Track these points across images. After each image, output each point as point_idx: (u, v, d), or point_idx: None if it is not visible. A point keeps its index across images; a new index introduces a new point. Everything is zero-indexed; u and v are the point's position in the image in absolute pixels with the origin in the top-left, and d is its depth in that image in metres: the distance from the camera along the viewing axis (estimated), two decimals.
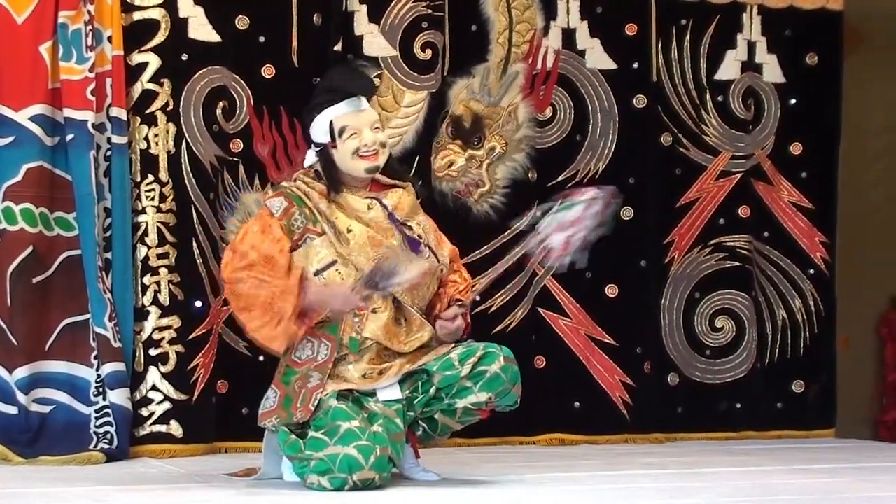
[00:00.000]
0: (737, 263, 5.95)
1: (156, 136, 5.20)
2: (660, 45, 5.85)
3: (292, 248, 4.09)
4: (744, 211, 5.95)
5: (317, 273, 4.07)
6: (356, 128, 4.08)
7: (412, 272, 3.95)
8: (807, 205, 6.03)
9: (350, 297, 3.97)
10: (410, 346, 4.12)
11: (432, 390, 4.02)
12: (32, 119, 5.05)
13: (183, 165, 5.22)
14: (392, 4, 5.54)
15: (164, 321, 5.17)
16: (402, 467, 4.12)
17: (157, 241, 5.17)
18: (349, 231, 4.08)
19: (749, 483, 4.35)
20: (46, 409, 5.02)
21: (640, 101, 5.78)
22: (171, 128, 5.22)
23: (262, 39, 5.40)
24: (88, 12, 5.09)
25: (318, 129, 4.14)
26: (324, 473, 3.87)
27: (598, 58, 5.77)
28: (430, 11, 5.55)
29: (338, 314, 4.05)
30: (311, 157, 4.22)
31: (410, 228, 4.17)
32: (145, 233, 5.17)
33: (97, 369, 5.02)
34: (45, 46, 5.07)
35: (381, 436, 3.91)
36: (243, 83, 5.36)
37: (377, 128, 4.15)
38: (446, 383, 4.00)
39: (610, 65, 5.78)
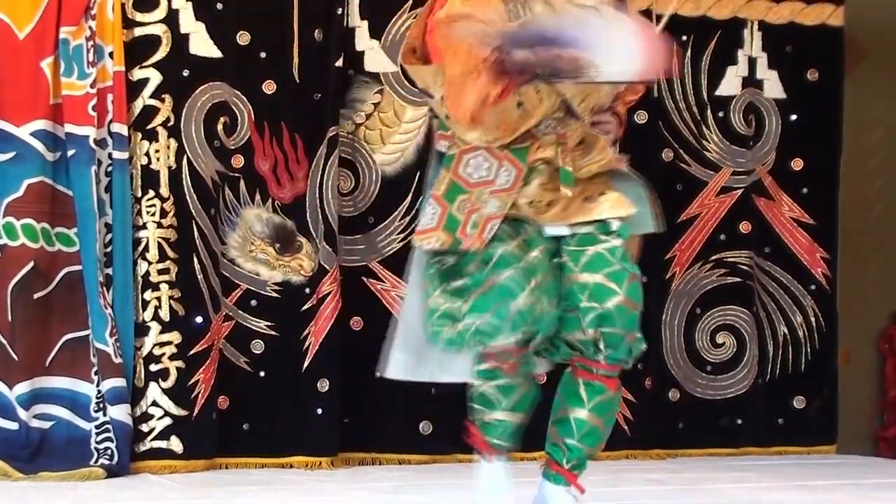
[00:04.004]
0: (738, 279, 5.98)
1: (157, 151, 5.23)
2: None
3: None
4: (745, 227, 5.98)
5: None
6: None
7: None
8: (808, 220, 6.05)
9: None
10: (586, 173, 3.58)
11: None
12: (34, 134, 5.08)
13: (184, 181, 5.25)
14: (393, 20, 5.56)
15: (165, 337, 5.18)
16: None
17: (157, 257, 5.19)
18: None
19: (750, 499, 4.41)
20: (47, 424, 5.04)
21: (640, 117, 5.77)
22: (172, 143, 5.24)
23: (263, 55, 5.43)
24: (90, 28, 5.13)
25: None
26: (484, 309, 3.43)
27: None
28: None
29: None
30: None
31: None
32: (146, 248, 5.19)
33: (98, 385, 5.04)
34: (46, 62, 5.11)
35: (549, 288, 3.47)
36: (244, 99, 5.39)
37: None
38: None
39: None
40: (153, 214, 5.19)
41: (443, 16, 3.43)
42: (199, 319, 5.22)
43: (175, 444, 5.14)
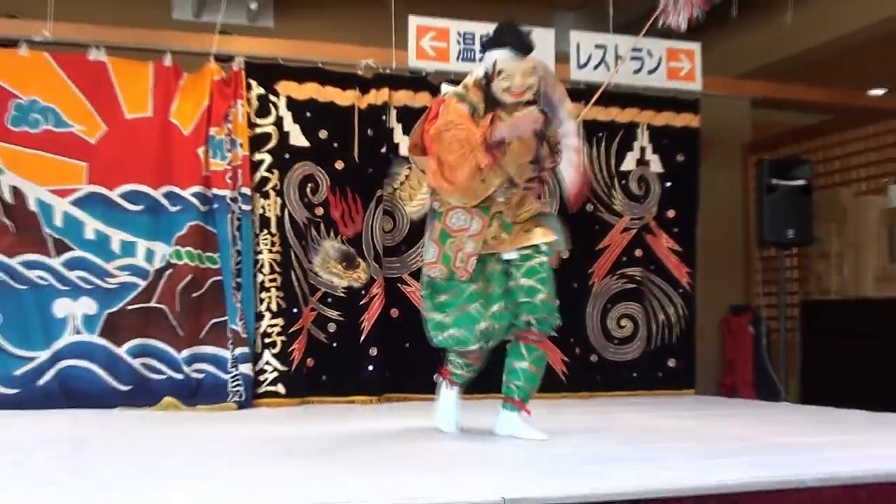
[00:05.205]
0: (634, 286, 5.96)
1: (269, 205, 5.27)
2: (585, 150, 5.46)
3: None
4: (638, 252, 5.97)
5: None
6: (511, 72, 3.47)
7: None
8: (678, 248, 6.05)
9: (536, 116, 3.48)
10: (522, 217, 3.63)
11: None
12: (193, 195, 5.15)
13: (285, 224, 5.28)
14: (416, 124, 5.54)
15: (274, 321, 5.21)
16: (514, 428, 3.58)
17: (269, 271, 5.22)
18: (510, 145, 3.51)
19: (640, 422, 4.40)
20: (201, 375, 5.09)
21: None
22: (278, 200, 5.28)
23: (335, 145, 5.44)
24: (228, 128, 5.21)
25: (487, 61, 3.53)
26: (460, 326, 3.53)
27: None
28: None
29: (524, 133, 3.48)
30: (479, 71, 3.56)
31: (547, 118, 3.54)
32: (262, 266, 5.21)
33: (232, 352, 5.10)
34: (201, 150, 5.18)
35: (501, 315, 3.54)
36: (324, 172, 5.40)
37: (529, 74, 3.49)
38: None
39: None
40: (266, 244, 5.22)
41: (438, 127, 3.48)
42: (295, 310, 5.24)
43: (280, 388, 5.17)
